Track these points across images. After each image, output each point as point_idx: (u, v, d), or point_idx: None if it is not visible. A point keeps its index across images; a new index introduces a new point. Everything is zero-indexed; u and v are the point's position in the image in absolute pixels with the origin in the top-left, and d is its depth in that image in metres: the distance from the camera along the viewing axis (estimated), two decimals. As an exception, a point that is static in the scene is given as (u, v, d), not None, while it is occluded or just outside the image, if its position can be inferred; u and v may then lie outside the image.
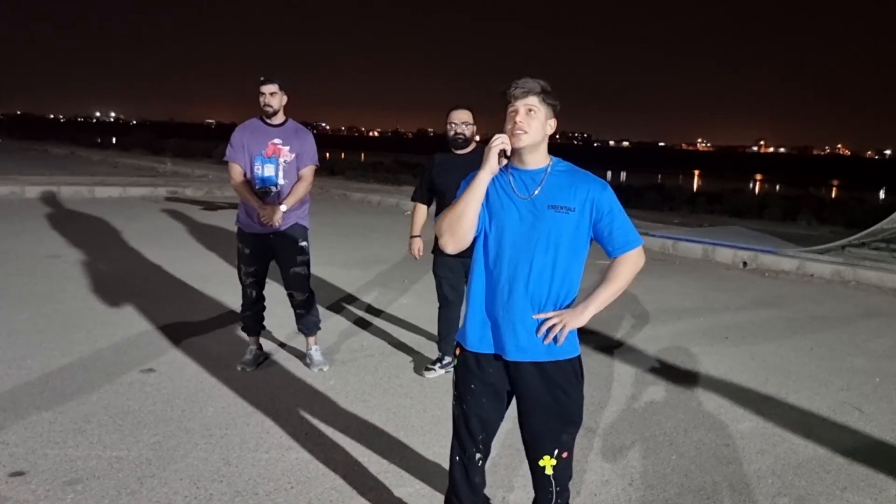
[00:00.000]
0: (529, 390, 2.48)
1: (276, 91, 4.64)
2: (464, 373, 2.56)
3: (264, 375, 4.74)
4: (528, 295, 2.42)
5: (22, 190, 13.36)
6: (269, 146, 4.68)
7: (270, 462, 3.53)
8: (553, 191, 2.42)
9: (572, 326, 2.43)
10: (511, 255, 2.42)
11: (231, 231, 10.43)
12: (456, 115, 4.68)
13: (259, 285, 4.90)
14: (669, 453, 3.84)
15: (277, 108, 4.69)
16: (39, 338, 5.23)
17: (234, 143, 4.74)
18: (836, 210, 16.59)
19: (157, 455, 3.54)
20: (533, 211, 2.41)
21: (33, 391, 4.27)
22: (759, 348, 5.86)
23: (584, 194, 2.42)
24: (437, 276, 4.91)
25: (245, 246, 4.80)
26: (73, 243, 8.86)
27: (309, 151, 4.79)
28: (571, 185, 2.43)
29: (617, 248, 2.46)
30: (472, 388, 2.53)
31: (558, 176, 2.45)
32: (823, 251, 10.01)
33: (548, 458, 2.53)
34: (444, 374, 4.86)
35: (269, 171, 4.68)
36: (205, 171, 19.80)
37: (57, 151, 27.15)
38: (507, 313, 2.44)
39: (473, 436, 2.58)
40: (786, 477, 3.64)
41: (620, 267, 2.48)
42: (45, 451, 3.52)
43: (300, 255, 4.81)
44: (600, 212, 2.43)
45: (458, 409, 2.60)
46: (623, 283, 2.49)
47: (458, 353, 2.60)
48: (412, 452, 3.73)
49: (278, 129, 4.72)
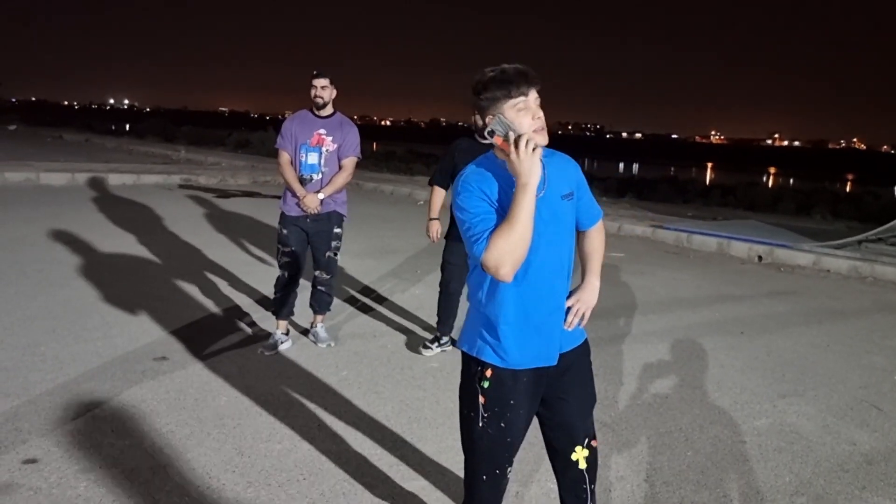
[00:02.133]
0: (559, 381, 2.39)
1: (326, 85, 4.92)
2: (499, 392, 2.31)
3: (277, 366, 4.72)
4: (564, 292, 2.36)
5: (37, 176, 13.41)
6: (315, 136, 4.94)
7: (283, 453, 3.52)
8: (555, 180, 2.29)
9: (593, 303, 2.42)
10: (545, 257, 2.26)
11: (244, 218, 10.50)
12: None
13: (294, 267, 5.04)
14: (685, 449, 3.80)
15: (327, 100, 4.97)
16: (53, 324, 5.24)
17: (283, 132, 5.03)
18: (852, 205, 16.43)
19: (170, 444, 3.53)
20: (550, 206, 2.26)
21: (47, 378, 4.27)
22: (776, 344, 5.79)
23: (573, 176, 2.40)
24: (446, 262, 5.06)
25: (284, 227, 5.02)
26: (88, 230, 8.87)
27: (352, 143, 5.03)
28: (563, 169, 2.37)
29: (591, 220, 2.50)
30: (511, 405, 2.32)
31: (550, 163, 2.28)
32: (840, 246, 9.91)
33: (580, 450, 2.44)
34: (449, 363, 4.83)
35: (312, 159, 4.93)
36: (218, 159, 19.81)
37: (71, 138, 27.22)
38: (547, 316, 2.31)
39: (511, 453, 2.39)
40: (803, 475, 3.60)
41: (598, 235, 2.53)
42: (57, 438, 3.52)
43: (335, 241, 5.10)
44: (580, 190, 2.42)
45: (495, 428, 2.33)
46: (603, 251, 2.55)
47: (489, 374, 2.31)
48: (425, 445, 3.70)
49: (325, 121, 4.98)
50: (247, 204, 12.21)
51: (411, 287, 7.04)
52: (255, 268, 7.31)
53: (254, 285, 6.62)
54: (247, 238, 8.93)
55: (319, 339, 5.17)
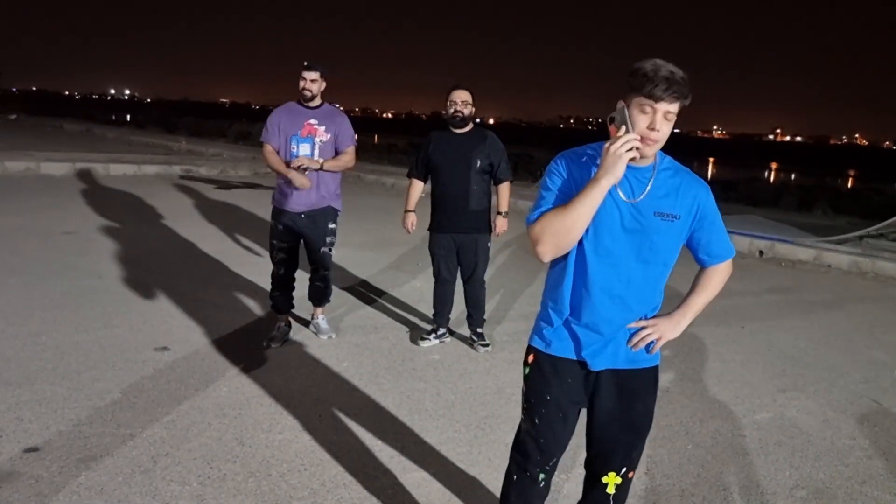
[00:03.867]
0: (608, 400, 2.27)
1: (316, 79, 4.82)
2: (538, 381, 2.30)
3: (278, 357, 4.72)
4: (623, 303, 2.20)
5: (38, 166, 13.39)
6: (305, 126, 4.83)
7: (284, 443, 3.52)
8: (659, 194, 2.14)
9: (669, 337, 2.26)
10: (608, 262, 2.16)
11: (245, 209, 10.49)
12: (456, 94, 4.85)
13: (289, 263, 5.00)
14: (685, 443, 3.81)
15: (316, 94, 4.86)
16: (55, 314, 5.24)
17: (269, 125, 4.91)
18: (853, 200, 16.42)
19: (171, 434, 3.53)
20: (637, 217, 2.13)
21: (48, 367, 4.27)
22: (776, 338, 5.79)
23: (691, 200, 2.17)
24: (433, 254, 5.10)
25: (278, 223, 4.93)
26: (88, 220, 8.87)
27: (346, 133, 4.96)
28: (678, 188, 2.16)
29: (713, 259, 2.28)
30: (546, 400, 2.28)
31: (664, 177, 2.16)
32: (841, 241, 9.91)
33: (613, 476, 2.33)
34: (450, 356, 4.85)
35: (304, 150, 4.81)
36: (219, 150, 19.79)
37: (72, 128, 27.21)
38: (598, 321, 2.20)
39: (543, 454, 2.34)
40: (803, 469, 3.60)
41: (716, 276, 2.31)
42: (58, 427, 3.52)
43: (329, 237, 5.01)
44: (703, 219, 2.20)
45: (528, 422, 2.34)
46: (715, 293, 2.34)
47: (531, 359, 2.32)
48: (426, 436, 3.70)
49: (314, 111, 4.88)
50: (248, 195, 12.19)
51: (412, 279, 7.03)
52: (256, 259, 7.31)
53: (255, 276, 6.61)
54: (247, 229, 8.92)
55: (321, 330, 5.16)
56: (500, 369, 4.74)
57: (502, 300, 6.37)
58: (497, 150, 4.93)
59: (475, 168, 4.85)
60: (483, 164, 4.87)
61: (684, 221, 2.17)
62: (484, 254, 5.03)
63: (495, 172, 4.93)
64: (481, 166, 4.86)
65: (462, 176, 4.87)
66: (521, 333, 5.47)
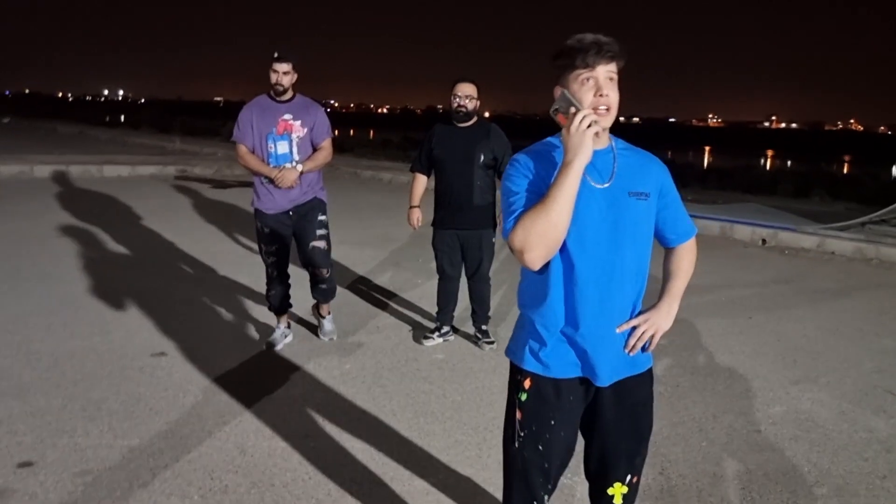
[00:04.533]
0: (608, 410, 2.13)
1: (289, 70, 4.58)
2: (538, 407, 2.11)
3: (278, 360, 4.62)
4: (620, 302, 2.06)
5: (31, 169, 13.25)
6: (280, 123, 4.60)
7: (287, 451, 3.41)
8: (627, 174, 2.04)
9: (664, 329, 2.12)
10: (596, 257, 2.01)
11: (241, 209, 10.36)
12: (461, 87, 4.72)
13: (281, 264, 4.81)
14: (699, 440, 3.70)
15: (287, 86, 4.61)
16: (48, 320, 5.13)
17: (240, 122, 4.68)
18: (850, 186, 16.34)
19: (170, 444, 3.42)
20: (613, 201, 2.01)
21: (42, 376, 4.16)
22: (785, 328, 5.69)
23: (654, 176, 2.09)
24: (436, 250, 4.99)
25: (264, 225, 4.70)
26: (83, 223, 8.74)
27: (322, 125, 4.74)
28: (641, 165, 2.08)
29: (681, 236, 2.19)
30: (551, 425, 2.11)
31: (625, 156, 2.07)
32: (843, 228, 9.80)
33: (619, 486, 2.20)
34: (454, 355, 4.75)
35: (282, 148, 4.59)
36: (213, 150, 19.63)
37: (65, 130, 27.02)
38: (598, 327, 2.04)
39: (550, 477, 2.17)
40: (822, 465, 3.50)
41: (687, 255, 2.21)
42: (53, 440, 3.41)
43: (319, 229, 4.75)
44: (665, 197, 2.11)
45: (531, 450, 2.13)
46: (691, 273, 2.23)
47: (528, 384, 2.13)
48: (433, 440, 3.59)
49: (288, 105, 4.64)
50: (243, 194, 12.04)
51: (413, 276, 6.92)
52: (253, 259, 7.14)
53: (252, 277, 6.49)
54: (244, 229, 8.79)
55: (324, 331, 5.01)
56: (506, 367, 4.50)
57: (505, 296, 6.26)
58: (501, 143, 4.80)
59: (478, 163, 4.73)
60: (487, 158, 4.75)
61: (652, 200, 2.08)
62: (489, 250, 4.93)
63: (499, 167, 4.81)
64: (485, 161, 4.74)
65: (465, 171, 4.75)
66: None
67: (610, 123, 1.99)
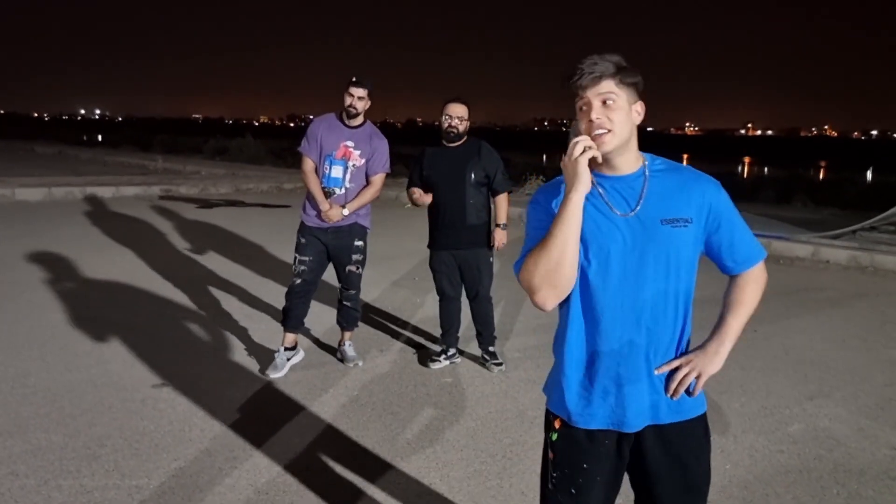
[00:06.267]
0: (653, 460, 1.94)
1: (363, 96, 4.62)
2: (569, 450, 1.96)
3: (283, 388, 4.48)
4: (649, 341, 1.88)
5: (12, 192, 12.97)
6: (341, 147, 4.64)
7: (302, 488, 3.28)
8: (661, 199, 1.87)
9: (709, 373, 1.92)
10: (621, 293, 1.86)
11: (228, 230, 10.21)
12: (452, 108, 4.67)
13: (310, 278, 4.74)
14: (723, 462, 3.62)
15: (360, 111, 4.65)
16: (42, 352, 4.96)
17: (309, 136, 4.72)
18: (831, 192, 16.47)
19: (180, 483, 3.28)
20: (641, 230, 1.85)
21: (40, 412, 4.00)
22: (792, 341, 5.65)
23: (698, 198, 1.88)
24: (434, 271, 4.92)
25: (303, 236, 4.73)
26: (70, 247, 8.53)
27: (381, 158, 4.76)
28: (681, 188, 1.89)
29: (740, 263, 1.96)
30: (583, 469, 1.94)
31: (661, 178, 1.90)
32: (836, 236, 9.83)
33: None
34: (463, 378, 4.64)
35: (336, 172, 4.63)
36: (197, 168, 19.42)
37: (44, 150, 26.63)
38: (624, 370, 1.88)
39: None
40: (850, 486, 3.43)
41: (749, 286, 1.97)
42: (58, 481, 3.26)
43: (356, 255, 4.79)
44: (718, 219, 1.90)
45: (564, 494, 1.97)
46: (755, 306, 1.99)
47: (557, 425, 1.99)
48: (451, 470, 3.48)
49: (353, 131, 4.68)
50: (231, 213, 11.92)
51: (411, 296, 6.81)
52: (246, 281, 7.02)
53: (247, 299, 6.36)
54: (234, 250, 8.66)
55: (347, 357, 4.90)
56: (517, 390, 4.53)
57: (505, 312, 6.17)
58: (492, 160, 4.75)
59: (470, 181, 4.67)
60: (478, 176, 4.69)
61: (697, 224, 1.87)
62: (487, 269, 4.84)
63: (492, 184, 4.75)
64: (476, 179, 4.68)
65: (457, 190, 4.68)
66: (533, 348, 5.28)
67: (611, 147, 1.84)
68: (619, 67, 1.83)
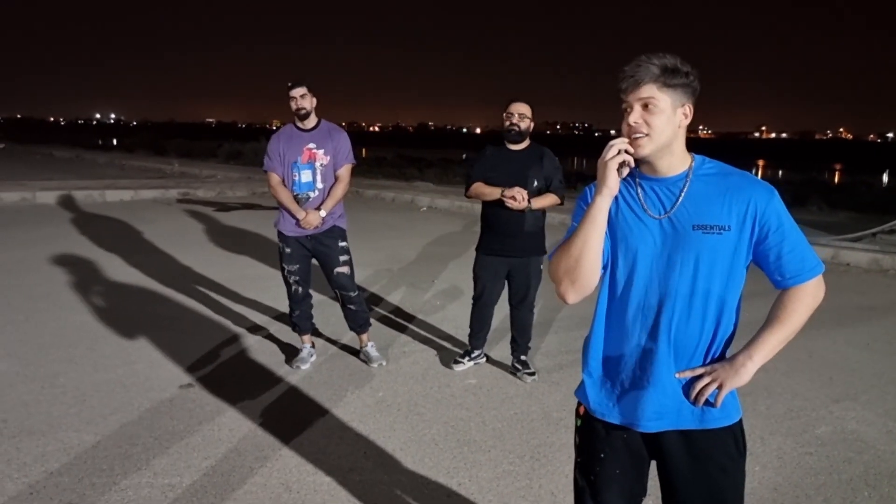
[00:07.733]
0: (676, 466, 1.90)
1: (305, 93, 4.65)
2: (591, 438, 2.01)
3: (310, 388, 4.51)
4: (670, 346, 1.86)
5: (33, 196, 13.12)
6: (305, 152, 4.68)
7: (333, 486, 3.30)
8: (698, 204, 1.82)
9: (731, 386, 1.86)
10: (645, 295, 1.86)
11: (248, 231, 10.27)
12: (514, 106, 4.56)
13: (304, 283, 4.86)
14: (752, 465, 3.60)
15: (310, 109, 4.69)
16: (70, 353, 5.01)
17: (270, 152, 4.76)
18: (847, 195, 16.36)
19: (213, 482, 3.31)
20: (672, 234, 1.83)
21: (70, 412, 4.05)
22: (815, 344, 5.62)
23: (742, 205, 1.80)
24: (476, 276, 4.82)
25: (285, 246, 4.78)
26: (91, 249, 8.63)
27: (343, 150, 4.79)
28: (724, 193, 1.82)
29: (789, 278, 1.85)
30: (601, 458, 1.98)
31: (704, 182, 1.85)
32: (856, 239, 9.77)
33: None
34: (487, 379, 4.65)
35: (306, 176, 4.67)
36: (212, 172, 19.57)
37: (62, 154, 26.92)
38: (641, 371, 1.88)
39: None
40: (881, 488, 3.41)
41: (794, 303, 1.87)
42: (91, 479, 3.30)
43: (342, 256, 4.83)
44: (766, 228, 1.80)
45: (584, 479, 2.03)
46: (798, 325, 1.88)
47: (582, 411, 2.05)
48: (480, 471, 3.49)
49: (312, 133, 4.72)
50: (248, 217, 11.98)
51: (430, 297, 6.83)
52: (266, 282, 7.07)
53: (268, 300, 6.40)
54: (254, 252, 8.71)
55: (371, 359, 4.93)
56: (542, 392, 4.53)
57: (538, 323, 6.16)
58: (553, 167, 4.63)
59: (532, 188, 4.50)
60: (540, 184, 4.56)
61: (740, 232, 1.79)
62: (536, 277, 4.71)
63: (548, 187, 4.64)
64: (538, 186, 4.55)
65: None
66: (560, 355, 5.26)
67: (647, 152, 1.82)
68: (665, 70, 1.80)
